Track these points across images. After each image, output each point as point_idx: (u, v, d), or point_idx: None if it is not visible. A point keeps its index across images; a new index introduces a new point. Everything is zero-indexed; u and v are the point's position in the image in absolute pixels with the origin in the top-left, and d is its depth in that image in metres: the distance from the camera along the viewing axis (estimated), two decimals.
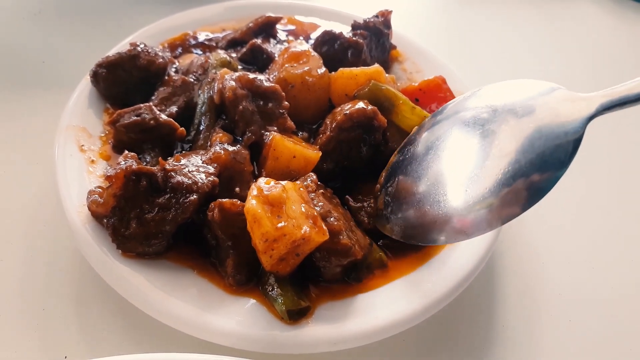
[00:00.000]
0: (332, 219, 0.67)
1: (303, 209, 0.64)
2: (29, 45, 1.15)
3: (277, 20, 1.02)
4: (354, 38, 0.92)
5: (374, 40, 0.96)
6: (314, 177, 0.72)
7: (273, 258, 0.63)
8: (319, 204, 0.68)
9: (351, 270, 0.69)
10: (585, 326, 0.77)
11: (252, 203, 0.63)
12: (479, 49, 1.30)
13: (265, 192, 0.64)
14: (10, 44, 1.15)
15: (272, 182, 0.66)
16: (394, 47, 1.02)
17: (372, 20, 0.97)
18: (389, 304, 0.67)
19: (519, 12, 1.44)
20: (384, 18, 0.99)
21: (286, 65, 0.83)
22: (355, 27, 0.97)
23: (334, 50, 0.91)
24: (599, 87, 0.63)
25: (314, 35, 1.02)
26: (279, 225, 0.61)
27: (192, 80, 0.85)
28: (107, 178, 0.67)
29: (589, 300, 0.81)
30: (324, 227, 0.64)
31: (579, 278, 0.83)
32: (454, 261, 0.71)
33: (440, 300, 0.68)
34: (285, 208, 0.63)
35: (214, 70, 0.85)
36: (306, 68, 0.82)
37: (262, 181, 0.66)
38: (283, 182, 0.66)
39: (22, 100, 1.02)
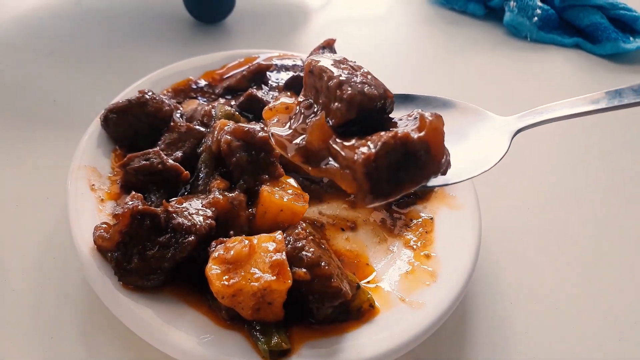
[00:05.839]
0: (323, 264, 0.71)
1: (267, 260, 0.67)
2: (40, 85, 1.20)
3: (268, 67, 1.09)
4: None
5: None
6: (304, 224, 0.77)
7: (245, 310, 0.67)
8: (310, 249, 0.72)
9: (340, 311, 0.73)
10: None
11: (209, 265, 0.68)
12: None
13: (224, 253, 0.68)
14: (23, 83, 1.21)
15: (236, 242, 0.70)
16: None
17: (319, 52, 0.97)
18: (371, 339, 0.71)
19: (493, 62, 1.54)
20: (330, 47, 1.00)
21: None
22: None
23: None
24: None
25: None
26: (231, 282, 0.65)
27: (196, 127, 0.92)
28: (115, 216, 0.73)
29: (552, 337, 0.86)
30: (289, 274, 0.67)
31: (543, 316, 0.89)
32: (431, 300, 0.77)
33: (420, 335, 0.72)
34: (250, 263, 0.67)
35: (216, 121, 0.91)
36: None
37: (227, 240, 0.71)
38: (255, 237, 0.71)
39: (33, 138, 1.07)
